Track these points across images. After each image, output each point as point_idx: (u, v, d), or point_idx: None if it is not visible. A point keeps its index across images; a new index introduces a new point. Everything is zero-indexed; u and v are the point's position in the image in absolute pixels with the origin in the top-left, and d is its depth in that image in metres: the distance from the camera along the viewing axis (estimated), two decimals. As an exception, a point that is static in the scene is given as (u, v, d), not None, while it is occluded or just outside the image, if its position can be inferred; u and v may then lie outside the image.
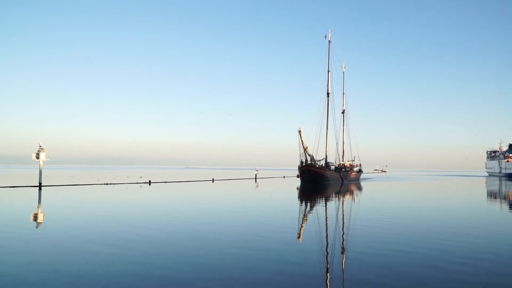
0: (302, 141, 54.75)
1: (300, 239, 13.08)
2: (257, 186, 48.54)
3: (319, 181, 54.22)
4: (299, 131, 53.88)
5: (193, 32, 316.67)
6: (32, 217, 17.92)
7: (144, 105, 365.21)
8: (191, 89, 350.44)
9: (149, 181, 50.87)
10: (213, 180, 61.29)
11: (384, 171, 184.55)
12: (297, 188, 44.56)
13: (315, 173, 54.66)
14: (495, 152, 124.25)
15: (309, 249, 11.24)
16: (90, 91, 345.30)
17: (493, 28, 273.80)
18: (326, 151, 63.46)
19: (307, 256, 10.29)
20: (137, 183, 49.27)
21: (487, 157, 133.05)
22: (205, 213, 20.28)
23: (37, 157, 35.79)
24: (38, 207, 22.33)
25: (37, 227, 15.10)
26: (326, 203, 26.88)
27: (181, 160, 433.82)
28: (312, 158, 56.21)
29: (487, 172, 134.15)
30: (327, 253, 10.72)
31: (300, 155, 55.32)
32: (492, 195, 37.72)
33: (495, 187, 53.66)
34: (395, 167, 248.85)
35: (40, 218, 17.76)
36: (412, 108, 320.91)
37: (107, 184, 45.05)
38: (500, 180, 79.25)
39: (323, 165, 60.00)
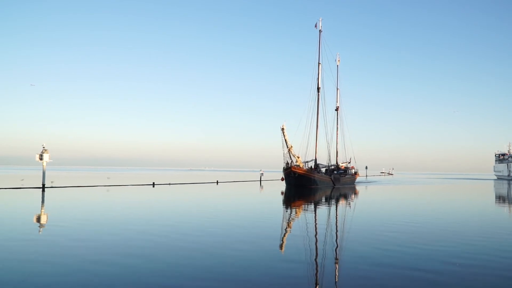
0: (285, 140, 49.43)
1: (283, 250, 12.14)
2: (262, 189, 47.92)
3: (306, 184, 49.29)
4: (282, 129, 48.95)
5: (190, 32, 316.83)
6: (35, 219, 17.57)
7: (147, 106, 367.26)
8: (192, 89, 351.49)
9: (153, 183, 50.49)
10: (217, 182, 60.78)
11: (391, 174, 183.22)
12: (282, 193, 40.04)
13: (301, 175, 49.47)
14: (503, 155, 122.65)
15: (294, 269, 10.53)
16: (92, 92, 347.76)
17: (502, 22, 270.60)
18: (316, 152, 57.43)
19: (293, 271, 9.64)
20: (140, 185, 48.95)
21: (496, 160, 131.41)
22: (203, 218, 19.73)
23: (41, 158, 35.50)
24: (41, 209, 21.97)
25: (40, 229, 14.72)
26: (315, 210, 23.72)
27: (185, 162, 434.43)
28: (298, 159, 51.23)
29: (496, 175, 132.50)
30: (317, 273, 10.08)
31: (284, 156, 49.87)
32: (502, 199, 36.91)
33: (504, 190, 52.70)
34: (399, 169, 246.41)
35: (44, 219, 17.40)
36: (414, 107, 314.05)
37: (110, 186, 44.69)
38: (509, 184, 78.00)
39: (312, 166, 54.71)
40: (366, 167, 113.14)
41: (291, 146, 50.32)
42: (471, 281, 8.35)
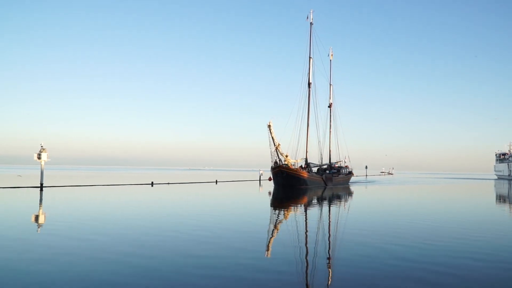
0: (272, 137, 46.74)
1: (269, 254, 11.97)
2: (261, 188, 47.70)
3: (295, 184, 46.90)
4: (269, 126, 46.11)
5: (190, 32, 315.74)
6: (33, 218, 17.37)
7: (147, 106, 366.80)
8: (192, 88, 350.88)
9: (152, 182, 50.31)
10: (216, 182, 60.62)
11: (391, 174, 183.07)
12: (269, 193, 38.20)
13: (290, 175, 47.19)
14: (504, 154, 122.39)
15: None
16: (91, 91, 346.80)
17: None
18: (306, 150, 54.78)
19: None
20: (139, 184, 48.77)
21: (496, 160, 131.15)
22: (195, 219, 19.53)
23: (39, 158, 35.28)
24: (39, 208, 21.78)
25: (38, 229, 14.54)
26: (305, 212, 22.24)
27: (185, 162, 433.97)
28: (286, 158, 48.60)
29: (496, 175, 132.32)
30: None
31: (271, 154, 47.47)
32: (502, 199, 36.71)
33: (504, 190, 52.52)
34: (398, 169, 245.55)
35: (41, 219, 17.19)
36: (413, 106, 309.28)
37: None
38: (510, 184, 77.82)
39: (302, 165, 52.63)
40: (366, 167, 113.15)
41: (279, 144, 48.02)
42: (474, 280, 8.19)
